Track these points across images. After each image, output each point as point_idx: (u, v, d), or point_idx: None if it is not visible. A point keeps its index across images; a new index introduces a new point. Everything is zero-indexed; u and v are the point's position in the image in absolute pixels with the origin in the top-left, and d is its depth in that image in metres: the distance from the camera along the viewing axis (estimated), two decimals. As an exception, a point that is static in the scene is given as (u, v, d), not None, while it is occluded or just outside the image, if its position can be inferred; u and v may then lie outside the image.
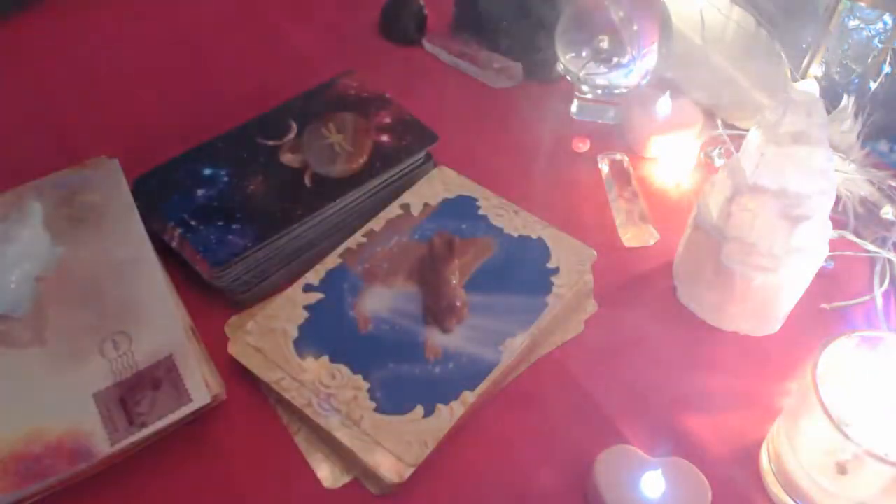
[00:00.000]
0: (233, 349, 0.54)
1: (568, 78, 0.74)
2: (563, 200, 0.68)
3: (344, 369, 0.52)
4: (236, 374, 0.54)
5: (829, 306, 0.62)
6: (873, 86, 0.72)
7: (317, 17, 0.86)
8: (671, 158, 0.72)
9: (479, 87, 0.79)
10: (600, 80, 0.71)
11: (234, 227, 0.59)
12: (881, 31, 0.71)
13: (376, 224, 0.61)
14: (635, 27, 0.68)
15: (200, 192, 0.61)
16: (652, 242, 0.65)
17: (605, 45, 0.69)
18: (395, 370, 0.53)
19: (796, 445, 0.48)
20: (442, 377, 0.52)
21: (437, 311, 0.55)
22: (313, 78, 0.71)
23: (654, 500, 0.47)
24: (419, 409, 0.50)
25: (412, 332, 0.55)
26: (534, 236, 0.60)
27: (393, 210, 0.62)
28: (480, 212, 0.62)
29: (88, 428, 0.48)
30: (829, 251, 0.57)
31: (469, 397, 0.51)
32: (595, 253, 0.59)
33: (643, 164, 0.72)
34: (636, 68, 0.70)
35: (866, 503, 0.46)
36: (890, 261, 0.64)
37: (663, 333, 0.60)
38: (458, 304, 0.55)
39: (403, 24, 0.82)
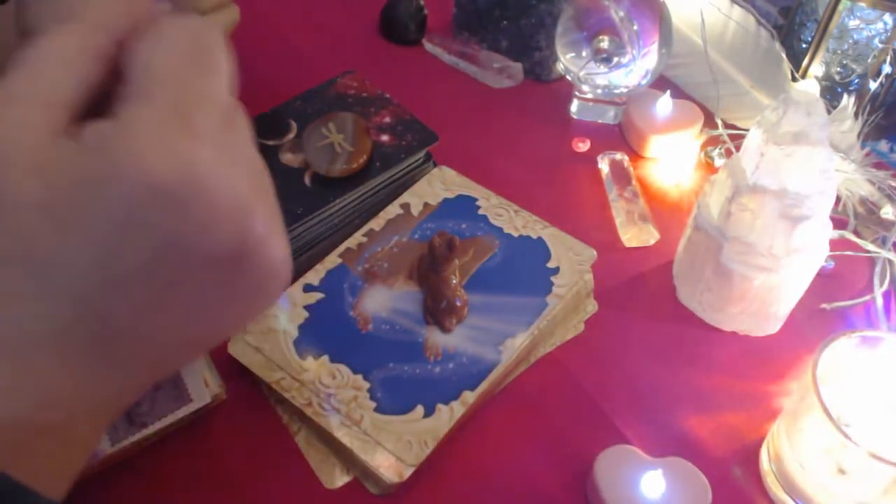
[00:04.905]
0: (233, 349, 0.54)
1: (568, 78, 0.74)
2: (563, 200, 0.68)
3: (344, 369, 0.52)
4: (236, 374, 0.54)
5: (829, 306, 0.62)
6: (873, 86, 0.72)
7: (317, 17, 0.86)
8: (671, 158, 0.72)
9: (479, 87, 0.79)
10: (600, 80, 0.71)
11: (234, 226, 0.59)
12: (881, 31, 0.71)
13: (376, 224, 0.61)
14: (635, 27, 0.68)
15: (200, 191, 0.61)
16: (652, 242, 0.65)
17: (605, 45, 0.69)
18: (396, 370, 0.53)
19: (796, 445, 0.48)
20: (442, 377, 0.52)
21: (437, 311, 0.55)
22: (313, 78, 0.71)
23: (654, 500, 0.47)
24: (419, 409, 0.50)
25: (412, 332, 0.55)
26: (534, 236, 0.60)
27: (393, 210, 0.62)
28: (480, 212, 0.62)
29: (88, 428, 0.48)
30: (829, 251, 0.57)
31: (469, 397, 0.51)
32: (595, 253, 0.59)
33: (643, 164, 0.72)
34: (636, 68, 0.70)
35: (866, 503, 0.46)
36: (890, 261, 0.64)
37: (663, 333, 0.60)
38: (458, 304, 0.55)
39: (403, 24, 0.82)
